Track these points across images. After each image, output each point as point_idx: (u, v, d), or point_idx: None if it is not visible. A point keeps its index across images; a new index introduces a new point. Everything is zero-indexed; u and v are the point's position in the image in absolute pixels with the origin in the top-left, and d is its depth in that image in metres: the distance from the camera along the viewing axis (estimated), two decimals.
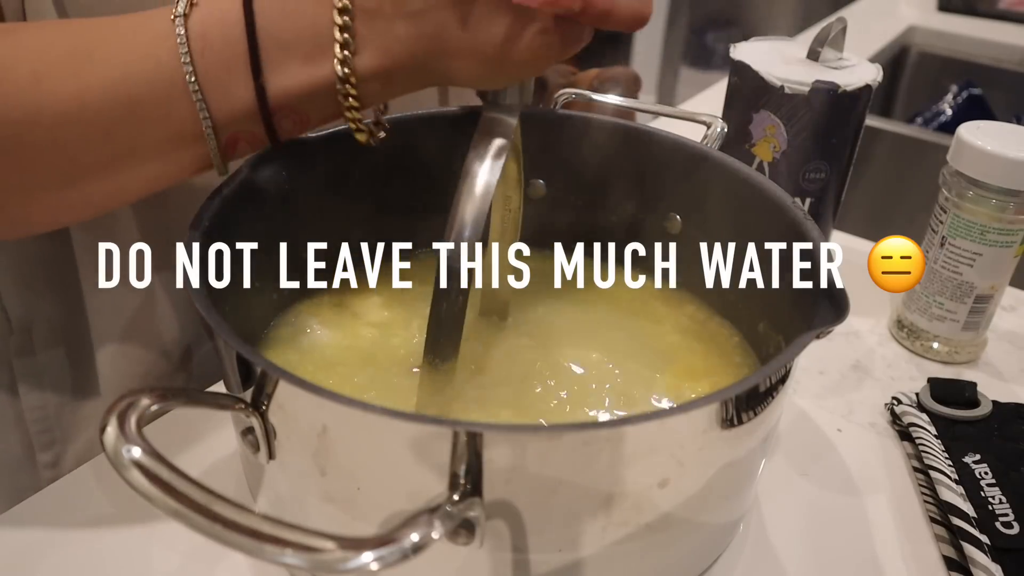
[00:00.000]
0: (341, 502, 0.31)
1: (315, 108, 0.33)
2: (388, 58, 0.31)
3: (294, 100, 0.32)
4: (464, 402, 0.39)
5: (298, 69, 0.31)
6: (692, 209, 0.46)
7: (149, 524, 0.38)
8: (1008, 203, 0.48)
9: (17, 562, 0.37)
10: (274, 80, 0.31)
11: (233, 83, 0.31)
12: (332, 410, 0.28)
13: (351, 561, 0.24)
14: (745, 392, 0.30)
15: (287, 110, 0.32)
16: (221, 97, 0.31)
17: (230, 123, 0.32)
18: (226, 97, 0.31)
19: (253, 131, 0.32)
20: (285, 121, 0.33)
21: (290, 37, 0.31)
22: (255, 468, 0.34)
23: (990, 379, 0.53)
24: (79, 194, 0.33)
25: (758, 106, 0.54)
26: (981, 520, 0.40)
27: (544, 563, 0.31)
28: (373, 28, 0.31)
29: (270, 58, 0.31)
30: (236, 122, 0.32)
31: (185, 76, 0.30)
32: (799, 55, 0.57)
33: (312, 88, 0.32)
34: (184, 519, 0.24)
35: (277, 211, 0.40)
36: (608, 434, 0.29)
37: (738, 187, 0.42)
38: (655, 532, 0.32)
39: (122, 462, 0.25)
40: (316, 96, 0.32)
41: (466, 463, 0.27)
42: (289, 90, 0.32)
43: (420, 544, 0.25)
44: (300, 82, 0.31)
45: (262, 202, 0.39)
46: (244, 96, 0.31)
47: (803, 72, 0.54)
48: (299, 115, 0.33)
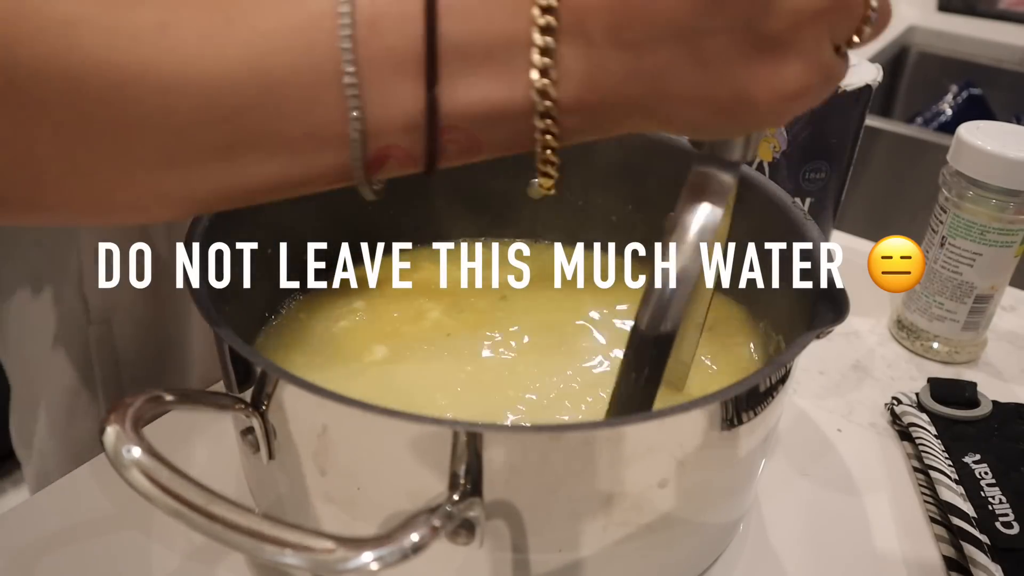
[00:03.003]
0: (341, 502, 0.31)
1: (492, 136, 0.27)
2: (595, 93, 0.26)
3: (469, 122, 0.26)
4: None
5: (483, 87, 0.26)
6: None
7: (149, 524, 0.38)
8: (1008, 203, 0.48)
9: (17, 562, 0.37)
10: (450, 94, 0.25)
11: (398, 87, 0.25)
12: (332, 410, 0.28)
13: (351, 561, 0.24)
14: (745, 392, 0.30)
15: (458, 132, 0.26)
16: (379, 100, 0.25)
17: (383, 133, 0.26)
18: (384, 101, 0.25)
19: (410, 149, 0.27)
20: (452, 145, 0.27)
21: (476, 47, 0.25)
22: (255, 468, 0.34)
23: (990, 379, 0.53)
24: (180, 182, 0.27)
25: None
26: (981, 520, 0.40)
27: (544, 563, 0.31)
28: (580, 55, 0.25)
29: (449, 68, 0.25)
30: (391, 134, 0.26)
31: (341, 66, 0.25)
32: None
33: (496, 112, 0.26)
34: (184, 519, 0.24)
35: (277, 211, 0.40)
36: (608, 434, 0.29)
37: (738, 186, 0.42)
38: (655, 532, 0.32)
39: (122, 462, 0.25)
40: (498, 122, 0.26)
41: (466, 463, 0.27)
42: (466, 109, 0.26)
43: (420, 544, 0.25)
44: (482, 102, 0.26)
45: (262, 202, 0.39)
46: (409, 106, 0.26)
47: None
48: (470, 140, 0.27)
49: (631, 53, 0.25)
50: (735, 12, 0.24)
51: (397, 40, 0.25)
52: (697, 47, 0.24)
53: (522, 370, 0.41)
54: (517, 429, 0.28)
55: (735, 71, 0.25)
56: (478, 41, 0.25)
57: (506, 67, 0.25)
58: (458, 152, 0.27)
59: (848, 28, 0.26)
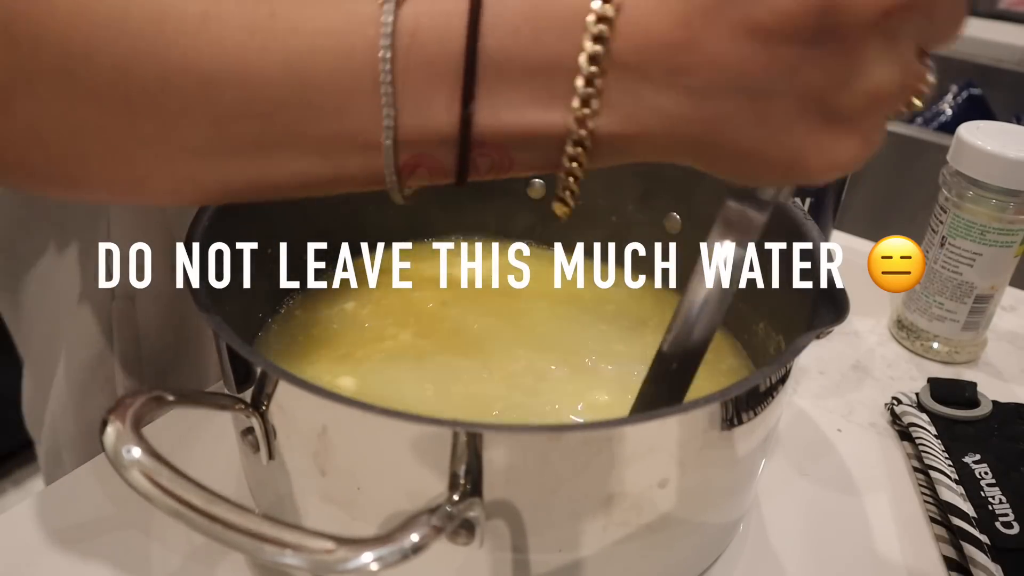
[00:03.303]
0: (341, 502, 0.31)
1: (526, 156, 0.27)
2: (637, 127, 0.25)
3: (502, 140, 0.26)
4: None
5: (520, 108, 0.25)
6: (691, 208, 0.46)
7: (150, 524, 0.38)
8: (1008, 203, 0.48)
9: (17, 562, 0.37)
10: (485, 112, 0.25)
11: (434, 100, 0.25)
12: (332, 410, 0.28)
13: (351, 561, 0.24)
14: (745, 392, 0.30)
15: (491, 148, 0.26)
16: (414, 110, 0.26)
17: (415, 143, 0.26)
18: (419, 112, 0.26)
19: (442, 161, 0.27)
20: (483, 160, 0.27)
21: (517, 67, 0.25)
22: (255, 468, 0.34)
23: (990, 379, 0.53)
24: (214, 169, 0.28)
25: None
26: (981, 520, 0.40)
27: (544, 563, 0.31)
28: (630, 89, 0.24)
29: (487, 85, 0.25)
30: (423, 144, 0.26)
31: (379, 74, 0.25)
32: None
33: (530, 135, 0.26)
34: (184, 519, 0.24)
35: (277, 211, 0.40)
36: (608, 434, 0.29)
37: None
38: (655, 532, 0.32)
39: (122, 462, 0.25)
40: (532, 144, 0.26)
41: (466, 463, 0.27)
42: (501, 128, 0.26)
43: (420, 544, 0.25)
44: (517, 124, 0.26)
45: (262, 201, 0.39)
46: (443, 119, 0.26)
47: None
48: (502, 158, 0.27)
49: (691, 98, 0.24)
50: (812, 81, 0.23)
51: (438, 53, 0.25)
52: (763, 106, 0.24)
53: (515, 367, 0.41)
54: (517, 429, 0.29)
55: (796, 136, 0.25)
56: (520, 61, 0.25)
57: (546, 91, 0.25)
58: (489, 168, 0.27)
59: (903, 105, 0.26)
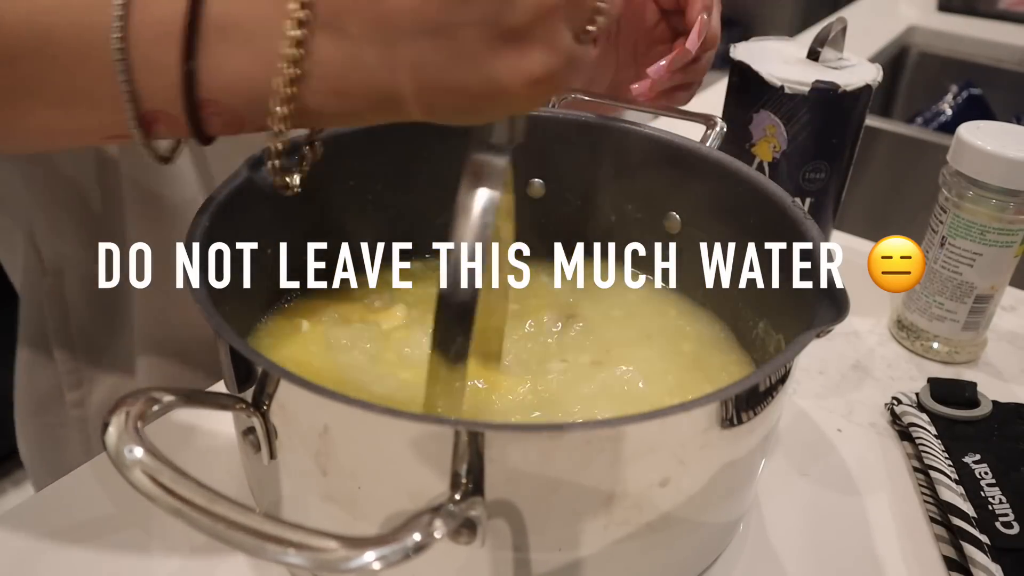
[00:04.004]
0: (342, 502, 0.31)
1: (250, 112, 0.29)
2: (346, 82, 0.28)
3: (227, 96, 0.28)
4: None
5: (238, 65, 0.28)
6: (691, 208, 0.46)
7: (150, 524, 0.38)
8: (1008, 203, 0.48)
9: (18, 562, 0.37)
10: (207, 68, 0.28)
11: (162, 56, 0.27)
12: (334, 410, 0.28)
13: (353, 560, 0.24)
14: (745, 391, 0.30)
15: (217, 105, 0.29)
16: (144, 66, 0.28)
17: (149, 97, 0.28)
18: (150, 68, 0.28)
19: (175, 116, 0.29)
20: (215, 117, 0.29)
21: (235, 29, 0.27)
22: (256, 468, 0.34)
23: (990, 379, 0.53)
24: None
25: (758, 106, 0.54)
26: (981, 520, 0.40)
27: (544, 562, 0.31)
28: (334, 47, 0.27)
29: (208, 45, 0.27)
30: (156, 100, 0.28)
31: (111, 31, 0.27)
32: (799, 55, 0.57)
33: (249, 90, 0.28)
34: (186, 519, 0.24)
35: (277, 211, 0.40)
36: (609, 433, 0.29)
37: (738, 186, 0.42)
38: (656, 531, 0.32)
39: (124, 462, 0.25)
40: (253, 101, 0.28)
41: (468, 463, 0.27)
42: (222, 84, 0.28)
43: (422, 544, 0.25)
44: (237, 80, 0.28)
45: (262, 202, 0.39)
46: (170, 75, 0.28)
47: (803, 72, 0.54)
48: (232, 114, 0.29)
49: (388, 48, 0.27)
50: (481, 8, 0.26)
51: (165, 13, 0.27)
52: (448, 41, 0.26)
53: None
54: (519, 428, 0.29)
55: (484, 61, 0.27)
56: (238, 22, 0.27)
57: (262, 50, 0.27)
58: (222, 125, 0.29)
59: (581, 19, 0.28)
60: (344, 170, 0.43)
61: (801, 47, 0.58)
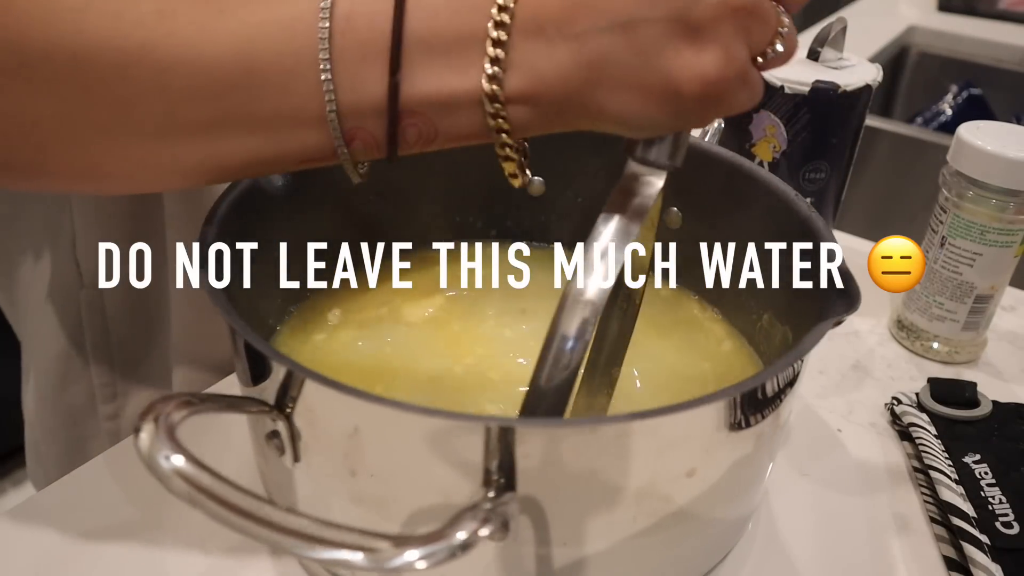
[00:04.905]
0: (370, 503, 0.31)
1: (448, 123, 0.30)
2: (540, 83, 0.28)
3: (426, 107, 0.29)
4: None
5: (440, 75, 0.29)
6: (691, 203, 0.46)
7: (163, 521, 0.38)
8: (1008, 203, 0.48)
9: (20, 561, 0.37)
10: (410, 81, 0.29)
11: (366, 74, 0.29)
12: (365, 410, 0.28)
13: (396, 559, 0.24)
14: (775, 379, 0.30)
15: (416, 117, 0.30)
16: (349, 86, 0.29)
17: (351, 115, 0.29)
18: (354, 87, 0.29)
19: (374, 132, 0.30)
20: (411, 130, 0.30)
21: (438, 41, 0.28)
22: (277, 471, 0.34)
23: (990, 379, 0.53)
24: (169, 153, 0.30)
25: (758, 106, 0.54)
26: (981, 520, 0.40)
27: (570, 555, 0.31)
28: (530, 48, 0.28)
29: (411, 58, 0.28)
30: (358, 116, 0.29)
31: (318, 54, 0.28)
32: (799, 55, 0.57)
33: (450, 99, 0.29)
34: (231, 524, 0.24)
35: (279, 211, 0.40)
36: (641, 426, 0.29)
37: (739, 180, 0.43)
38: (680, 523, 0.32)
39: (162, 471, 0.25)
40: (452, 109, 0.29)
41: (501, 458, 0.27)
42: (424, 96, 0.29)
43: (468, 542, 0.25)
44: (438, 89, 0.29)
45: (267, 202, 0.39)
46: (374, 91, 0.29)
47: (803, 72, 0.54)
48: (428, 126, 0.30)
49: (577, 43, 0.28)
50: (668, 4, 0.27)
51: (368, 34, 0.28)
52: (634, 35, 0.27)
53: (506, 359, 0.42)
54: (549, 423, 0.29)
55: (663, 56, 0.28)
56: (440, 36, 0.28)
57: (463, 59, 0.28)
58: (417, 137, 0.30)
59: (762, 36, 0.29)
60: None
61: (801, 47, 0.58)
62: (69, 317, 0.52)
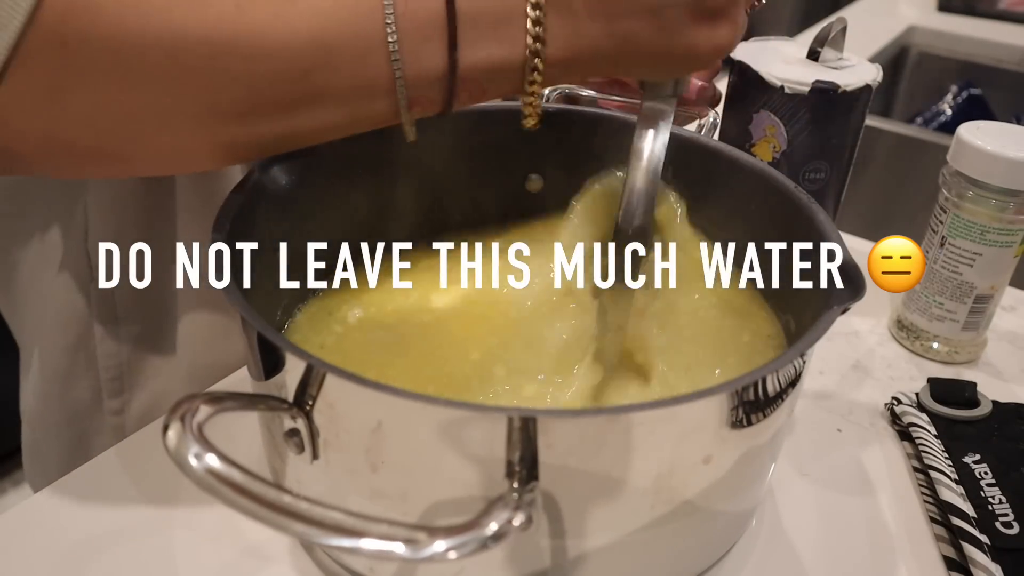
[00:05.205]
0: (392, 497, 0.31)
1: (495, 85, 0.35)
2: (574, 51, 0.34)
3: (479, 75, 0.34)
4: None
5: (490, 49, 0.33)
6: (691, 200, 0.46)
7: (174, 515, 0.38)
8: (1008, 203, 0.48)
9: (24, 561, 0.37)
10: (466, 56, 0.33)
11: (427, 51, 0.33)
12: (389, 404, 0.28)
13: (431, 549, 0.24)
14: (786, 365, 0.31)
15: (469, 83, 0.34)
16: (413, 61, 0.33)
17: (416, 85, 0.34)
18: (417, 62, 0.33)
19: (432, 97, 0.34)
20: (464, 94, 0.35)
21: (484, 19, 0.33)
22: (294, 468, 0.34)
23: (990, 379, 0.53)
24: (251, 132, 0.33)
25: (758, 106, 0.54)
26: (981, 520, 0.40)
27: (583, 545, 0.31)
28: (564, 23, 0.33)
29: (464, 35, 0.33)
30: (421, 86, 0.34)
31: (386, 34, 0.32)
32: (799, 55, 0.57)
33: (499, 68, 0.34)
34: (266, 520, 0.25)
35: (280, 211, 0.40)
36: (660, 415, 0.29)
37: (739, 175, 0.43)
38: (694, 511, 0.33)
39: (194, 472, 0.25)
40: (499, 75, 0.34)
41: (523, 449, 0.28)
42: (477, 67, 0.34)
43: (500, 532, 0.25)
44: (490, 61, 0.34)
45: (270, 202, 0.39)
46: (436, 65, 0.33)
47: (803, 72, 0.54)
48: (479, 89, 0.35)
49: (608, 23, 0.34)
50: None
51: (426, 15, 0.32)
52: (659, 17, 0.34)
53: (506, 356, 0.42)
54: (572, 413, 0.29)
55: (686, 33, 0.34)
56: (486, 14, 0.33)
57: (508, 33, 0.33)
58: (468, 98, 0.35)
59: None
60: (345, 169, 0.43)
61: (801, 47, 0.58)
62: (77, 311, 0.52)
